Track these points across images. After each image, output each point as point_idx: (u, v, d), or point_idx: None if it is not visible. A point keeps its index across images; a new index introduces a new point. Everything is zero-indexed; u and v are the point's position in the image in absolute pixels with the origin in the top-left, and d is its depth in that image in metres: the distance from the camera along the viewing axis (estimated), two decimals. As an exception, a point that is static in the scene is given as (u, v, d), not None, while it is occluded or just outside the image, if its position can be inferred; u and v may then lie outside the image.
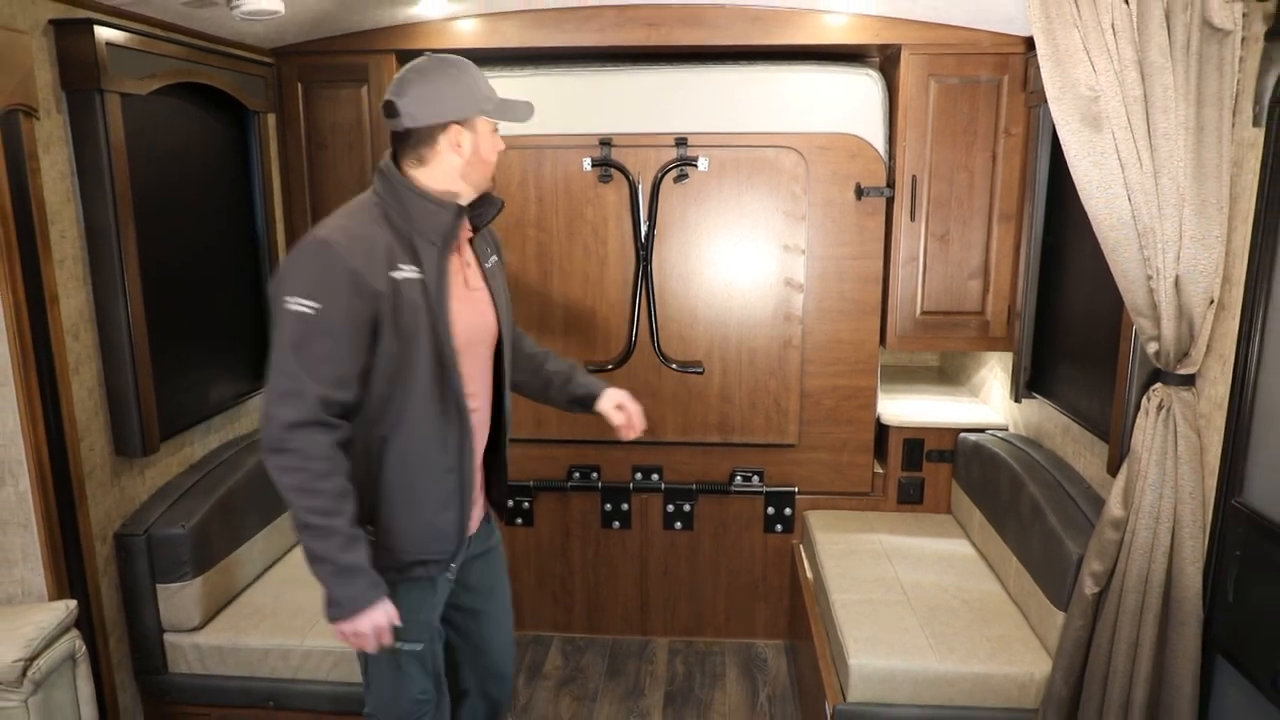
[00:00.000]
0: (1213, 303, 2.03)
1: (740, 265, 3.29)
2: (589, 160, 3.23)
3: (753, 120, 3.19)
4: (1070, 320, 2.83)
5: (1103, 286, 2.38)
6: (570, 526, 3.56)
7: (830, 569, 2.98)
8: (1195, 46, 1.93)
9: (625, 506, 3.52)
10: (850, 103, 3.16)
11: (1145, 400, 2.16)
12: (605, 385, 2.28)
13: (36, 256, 2.19)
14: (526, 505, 3.53)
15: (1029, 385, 3.08)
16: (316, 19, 2.92)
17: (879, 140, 3.18)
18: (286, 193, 3.31)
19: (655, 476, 3.49)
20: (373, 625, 1.82)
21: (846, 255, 3.25)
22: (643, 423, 2.27)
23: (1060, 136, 2.07)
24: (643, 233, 3.25)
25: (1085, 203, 2.07)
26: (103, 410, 2.47)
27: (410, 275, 1.81)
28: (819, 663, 2.71)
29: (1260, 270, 1.95)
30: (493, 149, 1.90)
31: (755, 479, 3.47)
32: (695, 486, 3.49)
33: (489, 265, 2.06)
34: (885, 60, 3.30)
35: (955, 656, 2.46)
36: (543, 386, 2.29)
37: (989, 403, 3.61)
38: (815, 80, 3.16)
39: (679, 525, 3.53)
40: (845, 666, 2.49)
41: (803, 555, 3.42)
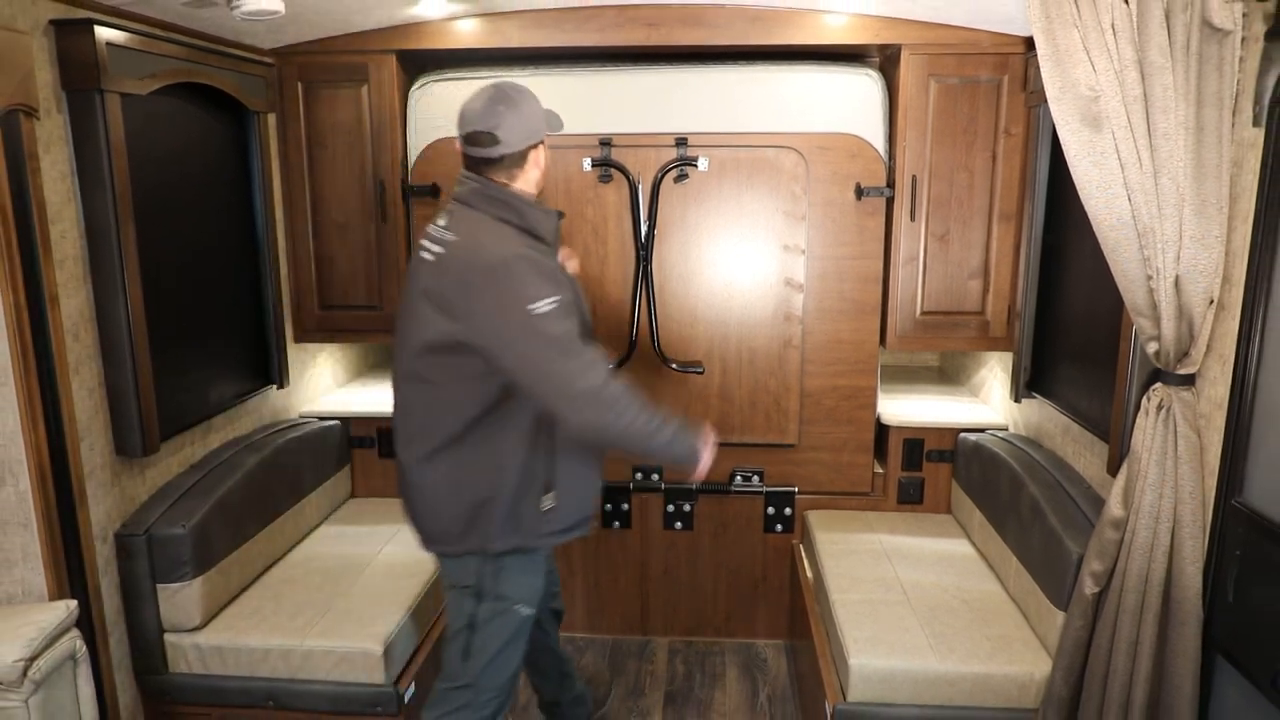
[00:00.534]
0: (1213, 303, 2.03)
1: (740, 265, 3.29)
2: (589, 160, 3.23)
3: (753, 120, 3.19)
4: (1070, 320, 2.83)
5: (1103, 286, 2.38)
6: None
7: (830, 569, 2.98)
8: (1195, 46, 1.93)
9: (625, 506, 3.52)
10: (850, 103, 3.16)
11: (1145, 400, 2.16)
12: None
13: (37, 256, 2.19)
14: None
15: (1029, 385, 3.08)
16: (316, 19, 2.92)
17: (879, 140, 3.18)
18: (287, 193, 3.31)
19: (655, 476, 3.49)
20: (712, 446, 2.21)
21: (846, 255, 3.25)
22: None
23: (1060, 136, 2.07)
24: (643, 233, 3.25)
25: (1085, 203, 2.07)
26: (103, 410, 2.47)
27: None
28: (819, 663, 2.71)
29: (1260, 270, 1.95)
30: (547, 158, 2.20)
31: (755, 479, 3.47)
32: (695, 486, 3.49)
33: None
34: (885, 60, 3.30)
35: (955, 656, 2.47)
36: None
37: (989, 403, 3.61)
38: (815, 80, 3.16)
39: (679, 525, 3.53)
40: (845, 666, 2.49)
41: (803, 555, 3.42)
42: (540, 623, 2.54)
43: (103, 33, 2.29)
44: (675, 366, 3.32)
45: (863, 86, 3.16)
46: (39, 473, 2.21)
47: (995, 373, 3.55)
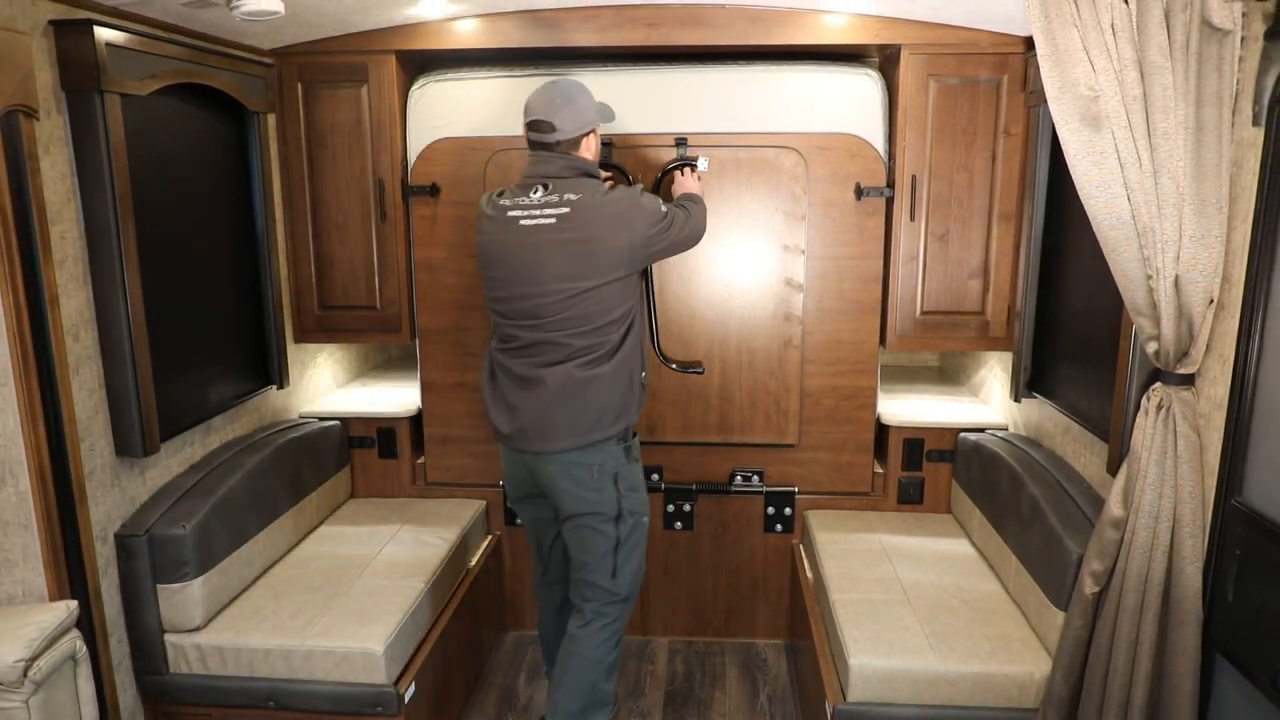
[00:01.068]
0: (1212, 302, 2.03)
1: (740, 265, 3.29)
2: (589, 160, 3.23)
3: (752, 120, 3.19)
4: (1070, 320, 2.83)
5: (1102, 286, 2.38)
6: None
7: (830, 569, 2.98)
8: (1195, 46, 1.93)
9: (625, 506, 3.51)
10: (850, 103, 3.16)
11: (1145, 400, 2.16)
12: None
13: (37, 257, 2.19)
14: None
15: (1029, 385, 3.08)
16: (316, 19, 2.92)
17: (879, 140, 3.18)
18: (286, 193, 3.31)
19: (655, 476, 3.49)
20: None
21: (846, 255, 3.26)
22: None
23: (1060, 136, 2.07)
24: (643, 233, 3.25)
25: (1085, 202, 2.07)
26: (103, 410, 2.47)
27: None
28: (819, 662, 2.71)
29: (1260, 270, 1.95)
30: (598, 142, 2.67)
31: (755, 479, 3.47)
32: (695, 486, 3.49)
33: None
34: (885, 60, 3.30)
35: (955, 656, 2.47)
36: None
37: (989, 402, 3.61)
38: (815, 80, 3.16)
39: (679, 525, 3.54)
40: (845, 666, 2.49)
41: (803, 555, 3.42)
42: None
43: (102, 33, 2.29)
44: (675, 367, 3.32)
45: (862, 86, 3.16)
46: (39, 473, 2.22)
47: (995, 372, 3.56)
